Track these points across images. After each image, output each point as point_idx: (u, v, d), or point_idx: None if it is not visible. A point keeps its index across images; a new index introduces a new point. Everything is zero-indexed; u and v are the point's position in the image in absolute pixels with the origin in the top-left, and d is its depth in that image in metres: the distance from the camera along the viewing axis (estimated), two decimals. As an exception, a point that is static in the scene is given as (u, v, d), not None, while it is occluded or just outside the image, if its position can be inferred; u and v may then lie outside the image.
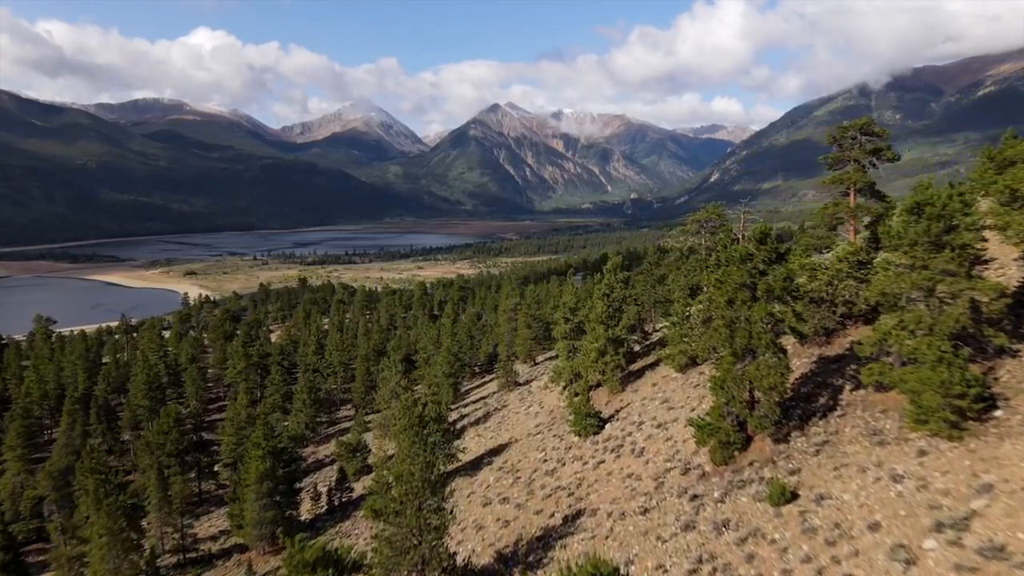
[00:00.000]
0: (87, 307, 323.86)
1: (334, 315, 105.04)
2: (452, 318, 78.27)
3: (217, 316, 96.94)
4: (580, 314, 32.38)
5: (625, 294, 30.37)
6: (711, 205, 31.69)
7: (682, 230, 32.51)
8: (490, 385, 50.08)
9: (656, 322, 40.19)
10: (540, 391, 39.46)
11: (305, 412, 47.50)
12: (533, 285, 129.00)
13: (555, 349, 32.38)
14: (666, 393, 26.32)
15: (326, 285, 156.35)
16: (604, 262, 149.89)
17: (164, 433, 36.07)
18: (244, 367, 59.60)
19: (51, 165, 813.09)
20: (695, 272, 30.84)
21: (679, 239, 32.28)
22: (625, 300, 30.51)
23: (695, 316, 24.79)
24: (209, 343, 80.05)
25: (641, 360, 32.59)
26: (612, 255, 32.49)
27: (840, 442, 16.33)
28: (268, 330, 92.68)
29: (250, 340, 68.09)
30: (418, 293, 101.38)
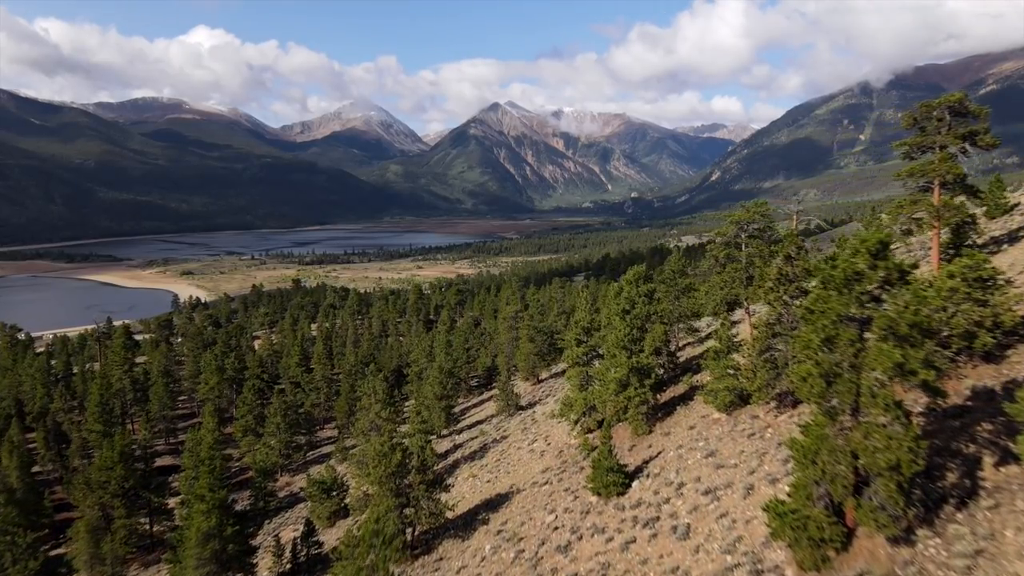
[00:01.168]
0: (81, 308, 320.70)
1: (322, 321, 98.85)
2: (448, 325, 72.93)
3: (196, 322, 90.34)
4: (595, 337, 26.95)
5: (649, 311, 25.08)
6: (753, 202, 26.19)
7: (717, 233, 26.98)
8: (488, 406, 44.43)
9: (680, 338, 34.91)
10: (545, 420, 33.96)
11: (279, 437, 41.90)
12: (535, 288, 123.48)
13: (565, 378, 26.67)
14: (709, 442, 20.86)
15: (319, 287, 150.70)
16: (606, 262, 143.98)
17: (107, 468, 30.83)
18: (217, 382, 53.91)
19: (49, 164, 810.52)
20: (734, 285, 25.54)
21: (715, 247, 26.13)
22: (650, 318, 25.22)
23: (749, 345, 19.53)
24: (188, 352, 74.40)
25: (669, 389, 27.12)
26: (634, 268, 27.17)
27: (1003, 553, 10.91)
28: (252, 337, 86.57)
29: (228, 350, 62.64)
30: (413, 298, 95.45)
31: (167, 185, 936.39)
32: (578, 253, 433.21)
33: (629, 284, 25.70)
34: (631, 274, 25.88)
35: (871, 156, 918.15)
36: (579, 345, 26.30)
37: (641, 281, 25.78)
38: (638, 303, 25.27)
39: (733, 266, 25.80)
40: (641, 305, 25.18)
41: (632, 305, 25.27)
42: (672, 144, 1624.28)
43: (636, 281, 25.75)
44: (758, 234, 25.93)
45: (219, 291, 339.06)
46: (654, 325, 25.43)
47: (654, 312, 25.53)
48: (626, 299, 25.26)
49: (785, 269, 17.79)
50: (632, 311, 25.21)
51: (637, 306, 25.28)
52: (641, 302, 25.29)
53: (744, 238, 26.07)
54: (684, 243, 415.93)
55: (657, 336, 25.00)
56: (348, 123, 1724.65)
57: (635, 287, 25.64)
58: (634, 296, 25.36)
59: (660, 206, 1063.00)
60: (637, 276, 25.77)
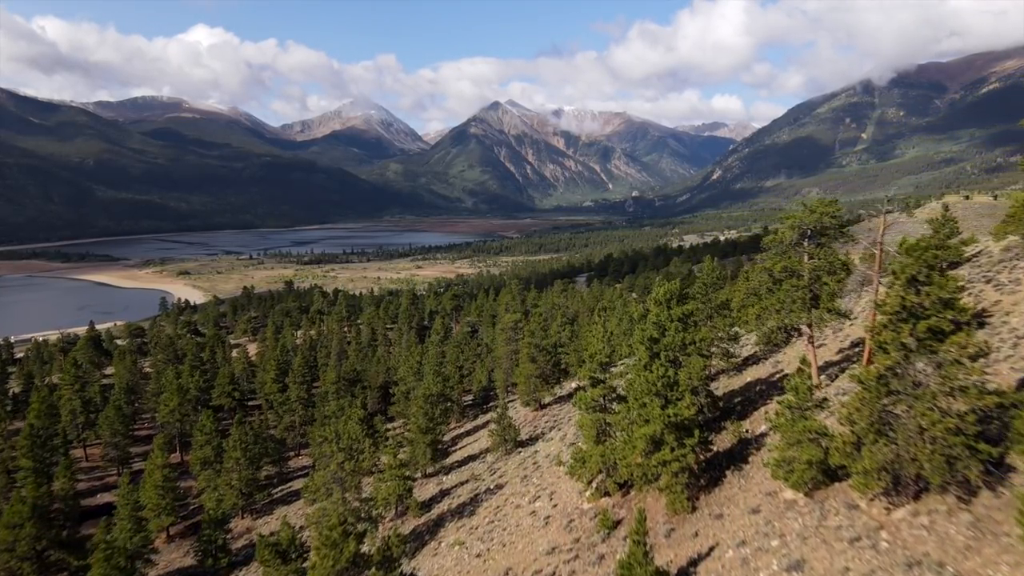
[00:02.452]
0: (73, 309, 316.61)
1: (307, 329, 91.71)
2: (441, 335, 66.89)
3: (168, 330, 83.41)
4: (616, 376, 20.95)
5: (684, 339, 19.30)
6: (818, 200, 20.19)
7: (771, 240, 21.06)
8: (483, 435, 38.09)
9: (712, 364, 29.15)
10: (549, 466, 27.92)
11: (239, 473, 35.78)
12: (535, 291, 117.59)
13: (577, 424, 20.63)
14: (788, 542, 14.61)
15: (311, 289, 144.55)
16: (609, 262, 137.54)
17: (15, 527, 25.21)
18: (178, 404, 47.69)
19: (48, 163, 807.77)
20: (794, 307, 19.75)
21: (768, 259, 19.95)
22: (685, 348, 19.45)
23: (847, 405, 13.73)
24: (157, 365, 68.17)
25: (714, 440, 21.19)
26: (662, 282, 21.20)
27: None
28: (231, 347, 79.86)
29: (199, 364, 56.66)
30: (405, 303, 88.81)
31: (166, 184, 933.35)
32: (579, 253, 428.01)
33: (659, 306, 19.94)
34: (662, 293, 20.10)
35: (873, 155, 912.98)
36: (595, 385, 20.43)
37: (674, 302, 20.07)
38: (670, 330, 19.57)
39: (792, 283, 20.06)
40: (674, 333, 19.50)
41: (662, 332, 19.56)
42: (673, 143, 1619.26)
43: (668, 302, 19.98)
44: (826, 241, 20.18)
45: (215, 291, 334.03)
46: (690, 358, 19.76)
47: (691, 341, 19.86)
48: (655, 325, 19.56)
49: (909, 299, 12.12)
50: (662, 340, 19.49)
51: (669, 334, 19.57)
52: (674, 328, 19.61)
53: (808, 247, 20.36)
54: (687, 242, 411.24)
55: (695, 372, 19.33)
56: (348, 122, 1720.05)
57: (666, 309, 19.92)
58: (665, 321, 19.68)
59: (661, 205, 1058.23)
60: (669, 296, 19.95)
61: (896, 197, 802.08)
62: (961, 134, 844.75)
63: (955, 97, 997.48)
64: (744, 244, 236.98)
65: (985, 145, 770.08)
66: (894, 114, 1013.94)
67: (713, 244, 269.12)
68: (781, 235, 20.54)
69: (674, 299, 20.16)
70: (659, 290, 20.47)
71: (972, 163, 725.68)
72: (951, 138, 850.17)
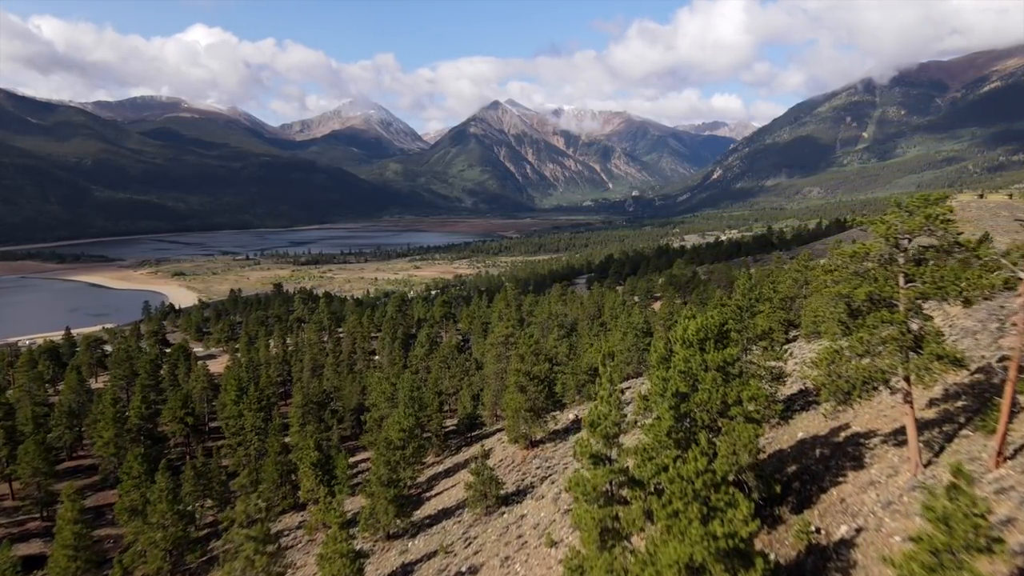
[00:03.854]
0: (64, 310, 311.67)
1: (279, 340, 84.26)
2: (427, 347, 60.58)
3: (122, 343, 75.44)
4: (626, 450, 14.33)
5: (726, 396, 13.26)
6: (920, 196, 13.94)
7: (850, 254, 14.59)
8: (464, 476, 31.67)
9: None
10: (538, 545, 21.80)
11: (164, 531, 29.41)
12: (532, 296, 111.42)
13: (579, 526, 13.81)
14: None
15: (296, 293, 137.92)
16: (609, 263, 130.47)
17: None
18: (113, 436, 41.11)
19: (45, 163, 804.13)
20: (885, 350, 13.63)
21: (843, 281, 13.60)
22: (727, 411, 13.40)
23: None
24: (112, 383, 61.68)
25: (768, 540, 14.75)
26: (691, 313, 14.90)
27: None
28: (194, 361, 72.60)
29: (153, 383, 50.49)
30: (391, 311, 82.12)
31: (165, 184, 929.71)
32: (579, 253, 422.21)
33: (688, 348, 13.93)
34: (692, 330, 13.94)
35: (874, 154, 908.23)
36: (597, 464, 13.94)
37: (710, 344, 14.02)
38: (704, 382, 13.64)
39: (881, 315, 13.96)
40: (711, 387, 13.58)
41: (693, 385, 13.60)
42: (673, 142, 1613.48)
43: (701, 343, 13.93)
44: (933, 256, 14.02)
45: (209, 292, 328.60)
46: (734, 423, 13.78)
47: (736, 400, 13.84)
48: (682, 375, 13.64)
49: None
50: (693, 396, 13.54)
51: (703, 387, 13.63)
52: (711, 381, 13.69)
53: (906, 264, 14.26)
54: (688, 242, 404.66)
55: (743, 445, 13.30)
56: (347, 122, 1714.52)
57: (698, 353, 13.88)
58: (697, 370, 13.73)
59: (661, 204, 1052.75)
60: (703, 334, 13.85)
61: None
62: (962, 133, 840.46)
63: (956, 96, 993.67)
64: (748, 244, 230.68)
65: (987, 144, 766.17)
66: (895, 113, 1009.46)
67: (716, 244, 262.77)
68: (868, 247, 14.43)
69: (710, 339, 14.16)
70: (688, 325, 14.45)
71: (974, 162, 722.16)
72: (952, 137, 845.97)
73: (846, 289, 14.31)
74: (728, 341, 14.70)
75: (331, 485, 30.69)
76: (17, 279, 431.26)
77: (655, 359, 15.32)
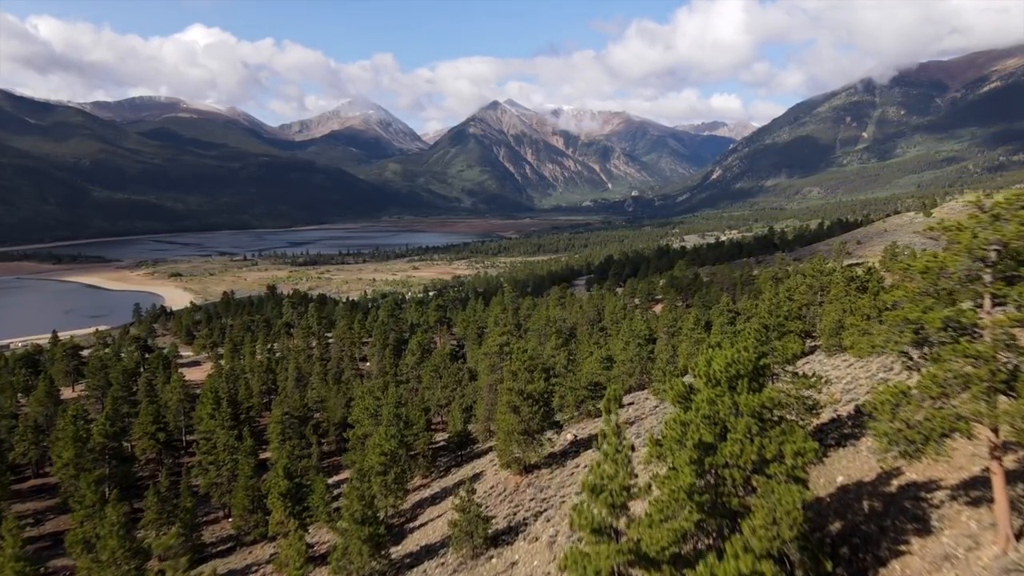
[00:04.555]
0: (60, 312, 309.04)
1: (262, 346, 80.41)
2: (418, 356, 57.40)
3: (98, 350, 71.63)
4: (638, 525, 11.44)
5: (763, 449, 10.39)
6: (1016, 193, 10.89)
7: (925, 271, 11.25)
8: (448, 507, 28.33)
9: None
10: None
11: (116, 572, 26.38)
12: (531, 298, 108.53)
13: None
14: None
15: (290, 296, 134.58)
16: (609, 264, 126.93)
17: None
18: (73, 457, 37.97)
19: (43, 163, 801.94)
20: (966, 395, 10.53)
21: (912, 302, 10.52)
22: (765, 467, 10.46)
23: None
24: (89, 395, 58.35)
25: None
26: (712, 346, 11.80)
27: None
28: (175, 370, 68.68)
29: (126, 395, 47.46)
30: (383, 316, 78.82)
31: (163, 184, 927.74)
32: (579, 253, 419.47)
33: (714, 387, 11.01)
34: (719, 364, 10.97)
35: (874, 154, 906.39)
36: (600, 539, 10.73)
37: (744, 384, 11.06)
38: (736, 431, 10.71)
39: (962, 347, 10.95)
40: (743, 438, 10.64)
41: (721, 434, 10.65)
42: (672, 142, 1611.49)
43: (731, 381, 10.98)
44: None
45: (206, 293, 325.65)
46: (772, 483, 10.84)
47: (776, 455, 10.87)
48: (707, 421, 10.73)
49: None
50: (721, 449, 10.62)
51: (734, 438, 10.69)
52: (743, 429, 10.76)
53: (993, 284, 11.30)
54: (688, 243, 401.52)
55: (785, 509, 10.37)
56: (346, 122, 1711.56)
57: (728, 394, 10.94)
58: (726, 415, 10.82)
59: (661, 205, 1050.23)
60: (734, 371, 10.88)
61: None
62: (962, 133, 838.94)
63: (956, 96, 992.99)
64: (750, 245, 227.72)
65: (987, 144, 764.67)
66: (895, 113, 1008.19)
67: (717, 245, 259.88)
68: (945, 260, 11.38)
69: (743, 377, 11.19)
70: (714, 358, 11.47)
71: (974, 162, 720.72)
72: (952, 137, 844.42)
73: (914, 313, 11.31)
74: (764, 379, 11.76)
75: (302, 517, 27.76)
76: (13, 280, 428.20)
77: (671, 396, 12.32)
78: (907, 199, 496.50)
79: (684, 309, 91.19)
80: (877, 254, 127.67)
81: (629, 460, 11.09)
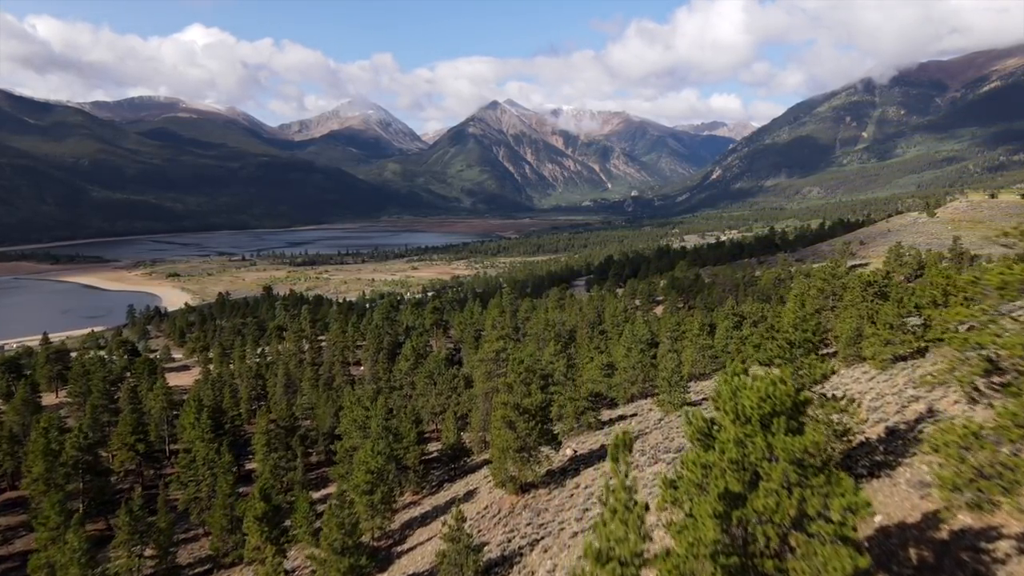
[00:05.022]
0: (56, 312, 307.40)
1: (250, 353, 77.48)
2: (412, 361, 55.23)
3: (80, 356, 68.33)
4: None
5: (803, 503, 8.48)
6: None
7: (1002, 286, 9.25)
8: (439, 530, 25.95)
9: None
10: None
11: None
12: (529, 300, 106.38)
13: None
14: None
15: (283, 298, 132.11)
16: (609, 265, 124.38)
17: None
18: (43, 472, 35.73)
19: (42, 163, 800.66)
20: None
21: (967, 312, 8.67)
22: (806, 524, 8.59)
23: None
24: (71, 402, 55.95)
25: None
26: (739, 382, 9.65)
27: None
28: (161, 376, 65.34)
29: (106, 404, 45.20)
30: (378, 318, 76.44)
31: (162, 184, 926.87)
32: (578, 254, 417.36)
33: (742, 424, 9.09)
34: (750, 399, 8.97)
35: (874, 154, 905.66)
36: None
37: (781, 421, 9.10)
38: (770, 479, 8.79)
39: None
40: (779, 488, 8.72)
41: (751, 483, 8.74)
42: (672, 142, 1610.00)
43: (765, 420, 9.06)
44: None
45: (204, 294, 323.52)
46: (817, 545, 8.88)
47: (818, 512, 8.90)
48: (734, 467, 8.79)
49: None
50: (752, 500, 8.71)
51: (767, 487, 8.79)
52: (778, 477, 8.80)
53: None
54: (688, 243, 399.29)
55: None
56: (346, 122, 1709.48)
57: (761, 435, 9.02)
58: (758, 460, 8.90)
59: (660, 204, 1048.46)
60: (769, 407, 8.95)
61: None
62: (962, 133, 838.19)
63: (956, 96, 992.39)
64: (752, 246, 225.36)
65: (987, 144, 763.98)
66: (895, 113, 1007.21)
67: (718, 245, 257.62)
68: (1017, 273, 9.41)
69: (780, 415, 9.18)
70: (742, 388, 9.48)
71: (974, 162, 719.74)
72: (952, 137, 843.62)
73: (987, 338, 9.31)
74: (804, 415, 9.69)
75: (280, 543, 25.72)
76: (11, 280, 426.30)
77: (690, 432, 10.31)
78: (907, 199, 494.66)
79: (687, 311, 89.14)
80: (881, 255, 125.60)
81: (642, 520, 9.13)
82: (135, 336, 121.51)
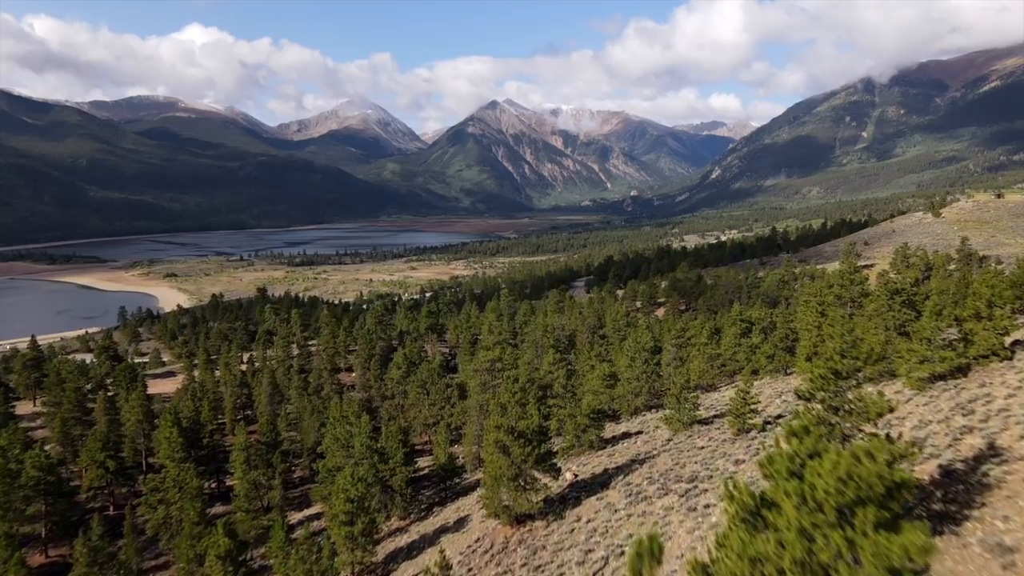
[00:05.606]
0: (52, 313, 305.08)
1: (236, 360, 74.26)
2: (404, 369, 52.45)
3: (55, 363, 64.44)
4: None
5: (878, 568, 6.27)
6: None
7: None
8: (431, 555, 23.61)
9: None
10: None
11: None
12: (528, 302, 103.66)
13: None
14: None
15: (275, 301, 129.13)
16: (609, 265, 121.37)
17: None
18: (2, 494, 32.88)
19: (40, 163, 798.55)
20: None
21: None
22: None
23: None
24: (47, 413, 52.98)
25: None
26: (800, 447, 7.23)
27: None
28: (142, 385, 61.81)
29: (80, 415, 42.54)
30: (370, 323, 73.69)
31: (161, 184, 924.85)
32: (578, 254, 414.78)
33: (813, 514, 6.64)
34: (825, 479, 6.36)
35: (873, 153, 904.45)
36: None
37: (869, 512, 6.73)
38: (830, 539, 6.34)
39: None
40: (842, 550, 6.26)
41: (812, 538, 6.26)
42: (671, 142, 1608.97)
43: (843, 511, 6.59)
44: None
45: (201, 294, 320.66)
46: None
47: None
48: (799, 570, 6.39)
49: None
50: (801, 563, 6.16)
51: (825, 546, 6.30)
52: (840, 540, 6.30)
53: None
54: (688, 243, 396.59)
55: None
56: (345, 121, 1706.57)
57: (836, 529, 6.58)
58: (830, 558, 6.45)
59: (660, 204, 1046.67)
60: (851, 493, 6.44)
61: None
62: (962, 132, 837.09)
63: (956, 95, 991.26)
64: (753, 246, 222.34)
65: (987, 143, 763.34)
66: (895, 112, 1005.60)
67: (719, 246, 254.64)
68: None
69: (868, 505, 6.44)
70: (806, 457, 6.90)
71: (974, 161, 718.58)
72: (952, 136, 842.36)
73: None
74: (896, 502, 7.04)
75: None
76: (6, 280, 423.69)
77: (731, 513, 7.70)
78: (908, 199, 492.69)
79: (689, 314, 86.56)
80: (887, 255, 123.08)
81: None
82: (126, 339, 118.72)
